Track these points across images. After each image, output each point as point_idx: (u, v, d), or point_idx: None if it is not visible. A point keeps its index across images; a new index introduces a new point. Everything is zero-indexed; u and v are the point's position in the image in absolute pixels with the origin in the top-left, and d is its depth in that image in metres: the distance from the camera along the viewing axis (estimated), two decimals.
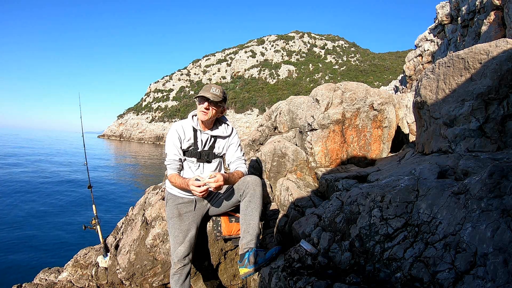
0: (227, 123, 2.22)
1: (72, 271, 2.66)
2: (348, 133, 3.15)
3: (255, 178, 2.03)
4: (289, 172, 3.14)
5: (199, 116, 2.03)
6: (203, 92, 1.99)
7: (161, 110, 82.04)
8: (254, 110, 68.33)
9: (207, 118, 2.01)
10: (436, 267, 1.17)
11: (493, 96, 1.91)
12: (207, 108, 1.98)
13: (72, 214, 7.61)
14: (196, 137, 2.08)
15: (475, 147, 1.97)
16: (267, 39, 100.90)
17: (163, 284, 2.33)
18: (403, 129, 3.73)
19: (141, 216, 2.62)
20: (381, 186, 1.70)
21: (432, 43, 14.82)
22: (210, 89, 2.00)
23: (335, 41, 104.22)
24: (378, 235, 1.47)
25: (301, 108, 3.96)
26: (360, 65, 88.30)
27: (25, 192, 9.50)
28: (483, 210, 1.17)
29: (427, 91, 2.43)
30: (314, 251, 1.68)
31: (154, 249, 2.34)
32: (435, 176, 1.73)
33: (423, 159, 2.33)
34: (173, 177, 1.99)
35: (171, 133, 2.05)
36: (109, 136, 79.75)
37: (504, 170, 1.21)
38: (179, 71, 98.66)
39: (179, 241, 1.98)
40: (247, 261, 1.83)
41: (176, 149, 2.03)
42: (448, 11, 13.30)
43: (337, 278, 1.45)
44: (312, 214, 2.02)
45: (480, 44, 2.12)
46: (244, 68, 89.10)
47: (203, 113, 2.00)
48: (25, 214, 7.31)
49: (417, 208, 1.43)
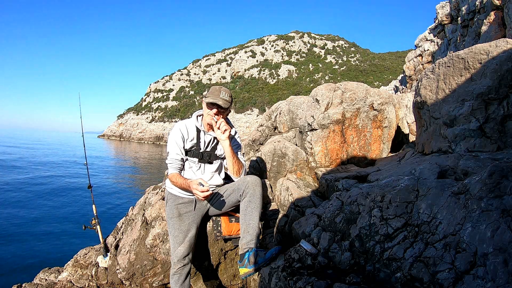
0: (230, 125, 2.21)
1: (72, 271, 2.66)
2: (348, 133, 3.15)
3: (255, 178, 2.03)
4: (289, 172, 3.14)
5: (207, 120, 2.00)
6: (213, 97, 1.92)
7: (161, 110, 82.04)
8: (254, 110, 68.33)
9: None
10: (436, 267, 1.17)
11: (493, 96, 1.91)
12: (217, 114, 1.95)
13: (72, 214, 7.61)
14: (199, 137, 2.07)
15: (475, 147, 1.97)
16: (267, 39, 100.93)
17: (163, 284, 2.33)
18: (403, 129, 3.73)
19: (141, 216, 2.62)
20: (381, 186, 1.70)
21: (432, 43, 14.82)
22: (219, 93, 1.93)
23: (335, 41, 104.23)
24: (378, 235, 1.47)
25: (301, 108, 3.96)
26: (360, 65, 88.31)
27: (24, 192, 9.50)
28: (483, 210, 1.17)
29: (427, 91, 2.43)
30: (314, 251, 1.68)
31: (154, 249, 2.34)
32: (435, 176, 1.73)
33: (423, 159, 2.33)
34: (174, 176, 1.99)
35: (175, 132, 2.03)
36: (109, 136, 79.75)
37: (504, 170, 1.21)
38: (179, 71, 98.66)
39: (179, 241, 1.98)
40: (247, 261, 1.83)
41: (178, 148, 2.01)
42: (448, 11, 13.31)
43: (337, 278, 1.45)
44: (312, 214, 2.02)
45: (480, 44, 2.12)
46: (244, 68, 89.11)
47: (211, 117, 1.96)
48: (25, 214, 7.31)
49: (417, 208, 1.43)
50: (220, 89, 1.96)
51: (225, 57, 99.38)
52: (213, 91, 1.97)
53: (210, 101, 1.92)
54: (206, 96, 1.96)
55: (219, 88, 1.97)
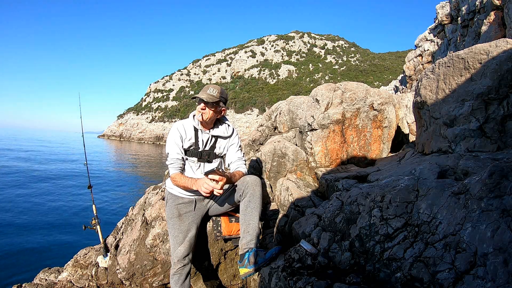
0: (227, 123, 2.23)
1: (72, 271, 2.66)
2: (348, 133, 3.15)
3: (255, 178, 2.03)
4: (289, 172, 3.14)
5: (197, 116, 2.05)
6: (200, 93, 2.03)
7: (161, 110, 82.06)
8: (254, 110, 68.35)
9: (205, 118, 2.02)
10: (436, 267, 1.17)
11: (493, 96, 1.91)
12: (203, 108, 2.01)
13: (72, 214, 7.61)
14: (197, 136, 2.08)
15: (475, 147, 1.97)
16: (267, 39, 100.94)
17: (163, 284, 2.33)
18: (403, 129, 3.73)
19: (141, 216, 2.62)
20: (381, 186, 1.70)
21: (432, 43, 14.82)
22: (207, 89, 2.03)
23: (335, 41, 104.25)
24: (378, 235, 1.47)
25: (301, 108, 3.96)
26: (360, 65, 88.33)
27: (24, 192, 9.50)
28: (483, 210, 1.17)
29: (427, 91, 2.43)
30: (314, 251, 1.68)
31: (154, 249, 2.34)
32: (435, 176, 1.73)
33: (423, 159, 2.33)
34: (177, 176, 1.98)
35: (173, 132, 2.05)
36: (109, 136, 79.75)
37: (504, 170, 1.21)
38: (179, 71, 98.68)
39: (179, 241, 1.98)
40: (247, 261, 1.83)
41: (178, 148, 2.03)
42: (448, 11, 13.31)
43: (337, 278, 1.45)
44: (312, 214, 2.02)
45: (480, 44, 2.12)
46: (244, 68, 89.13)
47: (199, 113, 2.02)
48: (24, 214, 7.31)
49: (417, 208, 1.43)
50: (209, 86, 2.06)
51: (225, 57, 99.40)
52: (203, 88, 2.07)
53: (196, 96, 2.03)
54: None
55: (210, 85, 2.07)
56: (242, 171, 2.12)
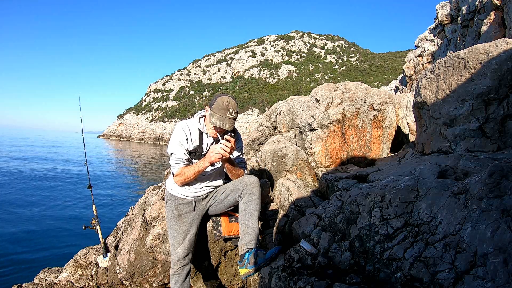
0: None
1: (72, 271, 2.66)
2: (348, 133, 3.15)
3: (253, 178, 2.02)
4: (289, 172, 3.14)
5: (210, 134, 1.99)
6: (219, 119, 1.80)
7: (161, 110, 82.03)
8: (254, 110, 68.31)
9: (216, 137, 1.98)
10: (436, 267, 1.17)
11: (493, 96, 1.91)
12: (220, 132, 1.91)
13: (72, 214, 7.61)
14: (201, 139, 2.03)
15: (475, 147, 1.97)
16: (267, 39, 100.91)
17: (163, 284, 2.33)
18: (403, 129, 3.73)
19: (141, 216, 2.62)
20: (381, 186, 1.70)
21: (432, 43, 14.82)
22: (226, 112, 1.79)
23: (335, 41, 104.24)
24: (378, 235, 1.47)
25: (301, 108, 3.96)
26: (360, 65, 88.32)
27: (24, 192, 9.50)
28: (483, 210, 1.17)
29: (427, 91, 2.43)
30: (314, 251, 1.68)
31: (154, 249, 2.34)
32: (435, 176, 1.73)
33: (423, 159, 2.33)
34: (183, 170, 1.93)
35: (178, 132, 1.97)
36: (109, 136, 79.72)
37: (504, 170, 1.21)
38: (179, 71, 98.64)
39: (178, 241, 1.98)
40: (247, 261, 1.83)
41: (184, 149, 1.97)
42: (448, 11, 13.30)
43: (337, 278, 1.45)
44: (312, 214, 2.02)
45: (480, 44, 2.12)
46: (244, 68, 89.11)
47: (214, 134, 1.96)
48: (24, 214, 7.31)
49: (417, 208, 1.43)
50: (228, 106, 1.79)
51: (225, 57, 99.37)
52: (218, 105, 1.81)
53: (217, 125, 1.83)
54: (212, 110, 1.84)
55: (227, 105, 1.80)
56: (243, 171, 2.12)
